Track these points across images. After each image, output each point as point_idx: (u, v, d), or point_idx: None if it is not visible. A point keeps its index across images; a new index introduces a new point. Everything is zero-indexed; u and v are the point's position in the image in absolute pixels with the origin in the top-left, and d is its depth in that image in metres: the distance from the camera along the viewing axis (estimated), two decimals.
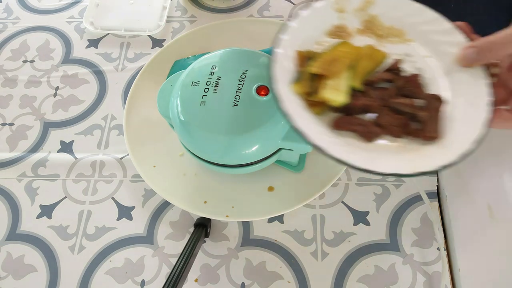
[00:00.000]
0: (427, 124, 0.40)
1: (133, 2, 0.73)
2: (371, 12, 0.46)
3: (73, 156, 0.59)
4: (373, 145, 0.39)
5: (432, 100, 0.41)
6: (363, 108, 0.40)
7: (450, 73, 0.43)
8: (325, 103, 0.40)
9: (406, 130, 0.40)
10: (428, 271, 0.50)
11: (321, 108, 0.40)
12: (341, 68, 0.41)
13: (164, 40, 0.69)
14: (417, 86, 0.42)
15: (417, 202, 0.54)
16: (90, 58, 0.68)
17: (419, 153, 0.39)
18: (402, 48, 0.45)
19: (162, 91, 0.49)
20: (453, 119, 0.40)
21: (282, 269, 0.51)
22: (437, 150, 0.38)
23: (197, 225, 0.51)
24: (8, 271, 0.52)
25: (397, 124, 0.40)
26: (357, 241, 0.52)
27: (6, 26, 0.73)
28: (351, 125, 0.40)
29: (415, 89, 0.41)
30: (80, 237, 0.54)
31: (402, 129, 0.40)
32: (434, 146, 0.39)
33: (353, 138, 0.40)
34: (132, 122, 0.57)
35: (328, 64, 0.41)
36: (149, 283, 0.51)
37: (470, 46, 0.41)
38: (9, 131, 0.62)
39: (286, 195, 0.52)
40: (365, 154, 0.38)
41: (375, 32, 0.45)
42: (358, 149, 0.39)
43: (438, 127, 0.40)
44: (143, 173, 0.53)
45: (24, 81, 0.67)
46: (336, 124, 0.40)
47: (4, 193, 0.57)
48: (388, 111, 0.41)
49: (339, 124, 0.40)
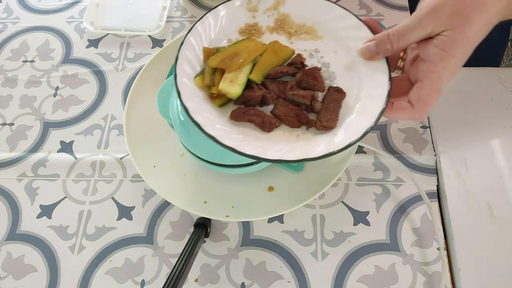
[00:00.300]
0: (321, 114, 0.42)
1: (133, 2, 0.73)
2: (283, 11, 0.48)
3: (73, 156, 0.59)
4: (272, 135, 0.42)
5: (332, 92, 0.43)
6: (261, 100, 0.43)
7: (356, 66, 0.45)
8: (224, 96, 0.43)
9: (302, 120, 0.42)
10: (428, 271, 0.50)
11: (221, 100, 0.43)
12: (241, 62, 0.43)
13: (164, 40, 0.69)
14: (316, 79, 0.43)
15: (417, 202, 0.54)
16: (90, 58, 0.68)
17: (310, 141, 0.41)
18: (312, 44, 0.47)
19: (162, 91, 0.49)
20: (352, 111, 0.42)
21: (282, 269, 0.51)
22: (328, 138, 0.41)
23: (197, 225, 0.51)
24: (8, 271, 0.52)
25: (293, 115, 0.42)
26: (357, 241, 0.52)
27: (6, 26, 0.73)
28: (247, 115, 0.42)
29: (314, 82, 0.43)
30: (80, 237, 0.54)
31: (297, 119, 0.42)
32: (327, 135, 0.41)
33: (253, 129, 0.42)
34: (132, 122, 0.57)
35: (229, 59, 0.43)
36: (149, 283, 0.51)
37: (370, 39, 0.43)
38: (9, 131, 0.62)
39: (286, 195, 0.52)
40: (258, 143, 0.40)
41: (286, 30, 0.48)
42: (254, 138, 0.41)
43: (334, 118, 0.42)
44: (143, 173, 0.53)
45: (24, 81, 0.67)
46: (233, 115, 0.42)
47: (4, 193, 0.57)
48: (284, 103, 0.43)
49: (236, 115, 0.42)
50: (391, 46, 0.41)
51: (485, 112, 0.58)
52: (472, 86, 0.60)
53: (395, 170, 0.56)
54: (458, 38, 0.38)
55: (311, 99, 0.43)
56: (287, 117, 0.43)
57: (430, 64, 0.39)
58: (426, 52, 0.40)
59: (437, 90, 0.40)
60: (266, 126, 0.42)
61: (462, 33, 0.38)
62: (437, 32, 0.39)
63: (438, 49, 0.39)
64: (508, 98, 0.59)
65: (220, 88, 0.42)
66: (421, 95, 0.40)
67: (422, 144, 0.57)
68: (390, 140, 0.58)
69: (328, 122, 0.42)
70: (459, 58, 0.39)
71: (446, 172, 0.54)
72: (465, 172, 0.54)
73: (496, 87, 0.60)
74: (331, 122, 0.42)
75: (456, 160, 0.55)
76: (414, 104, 0.40)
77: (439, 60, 0.39)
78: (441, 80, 0.39)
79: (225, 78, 0.43)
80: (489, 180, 0.53)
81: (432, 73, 0.39)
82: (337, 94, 0.43)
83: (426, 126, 0.58)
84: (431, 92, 0.40)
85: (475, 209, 0.52)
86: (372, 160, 0.56)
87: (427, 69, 0.40)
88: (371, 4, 0.70)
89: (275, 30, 0.48)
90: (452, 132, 0.57)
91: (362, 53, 0.44)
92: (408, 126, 0.59)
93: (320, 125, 0.42)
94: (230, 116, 0.42)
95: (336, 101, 0.43)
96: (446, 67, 0.39)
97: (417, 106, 0.40)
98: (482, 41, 0.42)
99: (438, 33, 0.39)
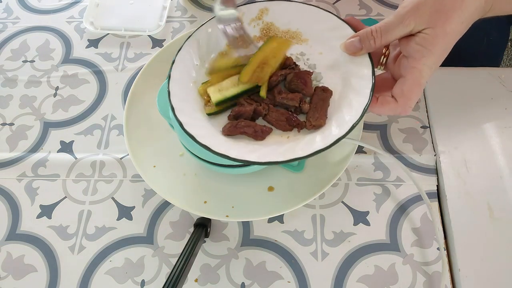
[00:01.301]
0: (310, 114, 0.44)
1: (133, 2, 0.73)
2: (267, 20, 0.50)
3: (73, 156, 0.59)
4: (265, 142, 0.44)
5: (319, 92, 0.45)
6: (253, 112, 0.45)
7: (340, 64, 0.47)
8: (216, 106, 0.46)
9: (293, 123, 0.44)
10: (428, 271, 0.50)
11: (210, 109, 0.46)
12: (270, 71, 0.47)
13: (164, 40, 0.69)
14: (305, 84, 0.45)
15: (417, 202, 0.54)
16: (90, 58, 0.68)
17: (301, 141, 0.43)
18: (298, 48, 0.49)
19: (162, 91, 0.49)
20: (339, 107, 0.44)
21: (282, 269, 0.51)
22: (319, 136, 0.42)
23: (197, 225, 0.51)
24: (8, 271, 0.52)
25: (283, 119, 0.44)
26: (357, 241, 0.52)
27: (6, 26, 0.73)
28: (238, 129, 0.44)
29: (303, 86, 0.45)
30: (80, 237, 0.54)
31: (288, 122, 0.44)
32: (317, 133, 0.43)
33: (247, 139, 0.44)
34: (132, 122, 0.57)
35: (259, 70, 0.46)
36: (149, 283, 0.51)
37: (354, 35, 0.45)
38: (9, 131, 0.62)
39: (286, 195, 0.52)
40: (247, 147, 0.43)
41: None
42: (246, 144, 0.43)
43: (322, 116, 0.44)
44: (143, 173, 0.53)
45: (24, 81, 0.67)
46: (225, 130, 0.44)
47: (4, 193, 0.57)
48: (274, 109, 0.45)
49: (228, 130, 0.44)
50: (374, 42, 0.43)
51: (485, 112, 0.58)
52: (472, 86, 0.60)
53: (395, 170, 0.56)
54: (438, 35, 0.40)
55: (299, 101, 0.45)
56: (278, 122, 0.45)
57: (412, 60, 0.41)
58: (407, 48, 0.41)
59: (419, 85, 0.41)
60: (258, 135, 0.44)
61: (442, 31, 0.40)
62: (418, 30, 0.41)
63: (419, 46, 0.40)
64: (508, 98, 0.59)
65: (208, 89, 0.45)
66: (404, 90, 0.42)
67: (422, 144, 0.57)
68: (390, 140, 0.58)
69: (317, 121, 0.43)
70: (439, 55, 0.41)
71: (446, 172, 0.54)
72: (465, 172, 0.54)
73: (496, 87, 0.60)
74: (319, 121, 0.43)
75: (456, 160, 0.55)
76: (398, 99, 0.42)
77: (420, 57, 0.41)
78: (422, 76, 0.41)
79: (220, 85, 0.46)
80: (489, 180, 0.53)
81: (413, 69, 0.41)
82: (324, 94, 0.45)
83: (426, 126, 0.58)
84: (413, 87, 0.41)
85: (475, 209, 0.52)
86: (372, 160, 0.56)
87: (409, 65, 0.41)
88: (371, 4, 0.70)
89: (262, 39, 0.50)
90: (452, 132, 0.57)
91: (346, 48, 0.45)
92: (408, 126, 0.59)
93: (310, 124, 0.44)
94: (222, 132, 0.44)
95: (323, 100, 0.45)
96: (426, 63, 0.41)
97: (401, 100, 0.42)
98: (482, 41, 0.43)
99: (419, 30, 0.41)
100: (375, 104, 0.43)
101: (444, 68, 0.62)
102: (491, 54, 0.76)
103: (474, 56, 0.73)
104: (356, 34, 0.45)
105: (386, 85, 0.45)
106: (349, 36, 0.46)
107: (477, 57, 0.73)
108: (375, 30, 0.42)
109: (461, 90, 0.60)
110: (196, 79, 0.48)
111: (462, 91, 0.60)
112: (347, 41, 0.45)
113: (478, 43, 0.72)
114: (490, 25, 0.72)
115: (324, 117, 0.44)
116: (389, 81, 0.45)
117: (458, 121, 0.57)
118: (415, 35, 0.41)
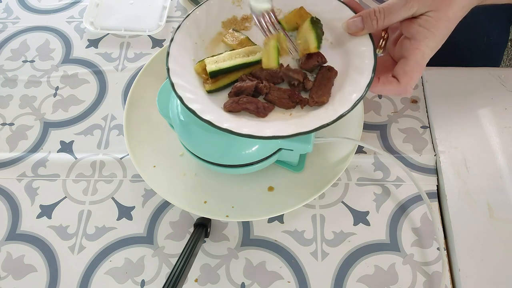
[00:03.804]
0: (313, 91, 0.44)
1: (133, 2, 0.73)
2: None
3: (73, 156, 0.59)
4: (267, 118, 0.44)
5: (324, 71, 0.45)
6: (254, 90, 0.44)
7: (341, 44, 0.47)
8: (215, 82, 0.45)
9: (295, 99, 0.44)
10: (428, 271, 0.50)
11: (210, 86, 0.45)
12: None
13: (164, 40, 0.69)
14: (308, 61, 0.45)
15: (417, 202, 0.54)
16: (90, 58, 0.68)
17: (304, 117, 0.43)
18: None
19: (162, 91, 0.49)
20: (342, 85, 0.44)
21: (282, 269, 0.51)
22: (322, 113, 0.42)
23: (197, 225, 0.51)
24: (8, 271, 0.52)
25: (286, 96, 0.44)
26: (357, 241, 0.52)
27: (6, 26, 0.73)
28: (240, 105, 0.43)
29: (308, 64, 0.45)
30: (80, 237, 0.54)
31: (291, 99, 0.44)
32: (320, 110, 0.43)
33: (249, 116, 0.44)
34: (132, 122, 0.57)
35: None
36: (149, 283, 0.51)
37: (356, 15, 0.45)
38: (9, 131, 0.62)
39: (286, 195, 0.52)
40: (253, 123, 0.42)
41: None
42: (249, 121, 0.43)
43: (326, 93, 0.44)
44: (143, 173, 0.53)
45: (24, 81, 0.67)
46: (227, 106, 0.44)
47: (4, 193, 0.57)
48: (276, 87, 0.45)
49: (230, 105, 0.43)
50: (376, 23, 0.43)
51: (485, 112, 0.58)
52: (472, 86, 0.60)
53: (395, 170, 0.56)
54: (441, 19, 0.41)
55: (303, 76, 0.45)
56: (281, 100, 0.44)
57: (415, 42, 0.42)
58: (410, 30, 0.42)
59: (421, 66, 0.43)
60: (260, 111, 0.43)
61: (445, 14, 0.41)
62: (421, 12, 0.41)
63: (422, 28, 0.41)
64: (508, 98, 0.59)
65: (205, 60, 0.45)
66: (406, 70, 0.43)
67: (422, 144, 0.57)
68: (390, 140, 0.58)
69: (320, 98, 0.43)
70: (440, 38, 0.42)
71: (446, 172, 0.54)
72: (465, 172, 0.54)
73: (496, 87, 0.60)
74: (322, 98, 0.43)
75: (456, 160, 0.55)
76: (400, 79, 0.43)
77: (423, 38, 0.42)
78: (423, 57, 0.42)
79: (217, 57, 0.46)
80: (489, 180, 0.53)
81: (416, 50, 0.42)
82: (329, 72, 0.45)
83: (426, 126, 0.58)
84: (415, 67, 0.42)
85: (475, 209, 0.52)
86: (372, 160, 0.56)
87: (411, 46, 0.42)
88: (371, 4, 0.70)
89: None
90: (452, 132, 0.57)
91: (347, 27, 0.46)
92: (408, 126, 0.59)
93: (313, 101, 0.44)
94: (224, 108, 0.44)
95: (327, 78, 0.45)
96: (429, 45, 0.42)
97: (403, 80, 0.43)
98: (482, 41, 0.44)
99: (422, 13, 0.41)
100: (377, 83, 0.44)
101: (444, 68, 0.62)
102: (491, 54, 0.76)
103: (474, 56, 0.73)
104: (359, 14, 0.45)
105: (385, 66, 0.46)
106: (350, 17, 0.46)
107: (477, 57, 0.74)
108: (378, 11, 0.43)
109: (461, 90, 0.60)
110: (195, 56, 0.47)
111: (462, 91, 0.60)
112: (349, 20, 0.45)
113: (478, 43, 0.72)
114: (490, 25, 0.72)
115: (328, 94, 0.44)
116: (388, 63, 0.46)
117: (458, 121, 0.57)
118: (418, 18, 0.42)
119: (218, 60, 0.45)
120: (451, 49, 0.55)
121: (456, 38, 0.65)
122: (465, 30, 0.66)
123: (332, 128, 0.55)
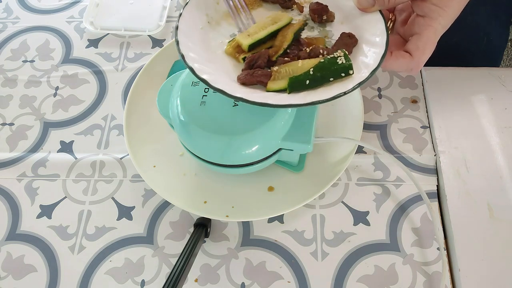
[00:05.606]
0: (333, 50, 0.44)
1: (133, 2, 0.73)
2: None
3: (73, 156, 0.59)
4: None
5: (344, 37, 0.45)
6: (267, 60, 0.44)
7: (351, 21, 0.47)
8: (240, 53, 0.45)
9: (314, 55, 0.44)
10: (428, 271, 0.50)
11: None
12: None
13: (164, 40, 0.69)
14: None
15: (417, 202, 0.54)
16: (90, 58, 0.68)
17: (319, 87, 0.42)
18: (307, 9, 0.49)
19: (162, 91, 0.49)
20: (357, 57, 0.44)
21: (282, 269, 0.51)
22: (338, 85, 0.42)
23: (197, 225, 0.51)
24: (8, 271, 0.52)
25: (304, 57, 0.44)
26: (357, 241, 0.52)
27: (6, 26, 0.73)
28: (255, 77, 0.43)
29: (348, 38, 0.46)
30: (80, 237, 0.54)
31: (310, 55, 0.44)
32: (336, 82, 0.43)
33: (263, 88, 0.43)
34: (132, 122, 0.57)
35: None
36: (149, 283, 0.51)
37: None
38: (9, 131, 0.62)
39: (286, 195, 0.52)
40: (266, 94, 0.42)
41: None
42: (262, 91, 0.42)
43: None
44: (143, 173, 0.53)
45: (24, 81, 0.67)
46: (241, 78, 0.43)
47: (4, 193, 0.57)
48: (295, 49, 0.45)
49: (245, 78, 0.43)
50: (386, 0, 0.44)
51: (485, 112, 0.58)
52: (472, 86, 0.60)
53: (395, 170, 0.56)
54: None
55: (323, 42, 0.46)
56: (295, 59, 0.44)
57: (428, 19, 0.43)
58: (423, 8, 0.43)
59: (433, 42, 0.44)
60: None
61: None
62: None
63: (435, 6, 0.43)
64: (508, 98, 0.59)
65: (237, 39, 0.45)
66: (419, 45, 0.44)
67: (422, 144, 0.57)
68: (390, 140, 0.58)
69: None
70: (452, 16, 0.43)
71: (446, 172, 0.54)
72: (465, 172, 0.54)
73: (496, 87, 0.60)
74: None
75: (456, 160, 0.55)
76: (413, 53, 0.44)
77: (437, 16, 0.43)
78: (435, 34, 0.44)
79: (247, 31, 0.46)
80: (489, 180, 0.53)
81: (430, 27, 0.43)
82: (349, 39, 0.45)
83: (426, 126, 0.58)
84: (428, 43, 0.44)
85: (475, 209, 0.52)
86: (372, 160, 0.56)
87: (425, 23, 0.43)
88: None
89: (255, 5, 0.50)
90: (452, 132, 0.57)
91: (359, 2, 0.46)
92: (408, 126, 0.59)
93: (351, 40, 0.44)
94: (238, 80, 0.43)
95: (347, 45, 0.45)
96: (441, 23, 0.43)
97: (416, 54, 0.44)
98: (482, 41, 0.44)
99: None
100: (390, 57, 0.44)
101: (444, 68, 0.62)
102: (491, 54, 0.76)
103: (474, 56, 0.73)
104: None
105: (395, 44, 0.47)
106: None
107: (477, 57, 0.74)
108: None
109: (461, 90, 0.60)
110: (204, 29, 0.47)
111: (462, 91, 0.60)
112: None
113: (478, 43, 0.72)
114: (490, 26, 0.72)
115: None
116: (398, 42, 0.47)
117: (458, 121, 0.57)
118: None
119: (250, 34, 0.45)
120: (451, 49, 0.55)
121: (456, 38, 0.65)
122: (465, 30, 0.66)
123: (332, 128, 0.56)
